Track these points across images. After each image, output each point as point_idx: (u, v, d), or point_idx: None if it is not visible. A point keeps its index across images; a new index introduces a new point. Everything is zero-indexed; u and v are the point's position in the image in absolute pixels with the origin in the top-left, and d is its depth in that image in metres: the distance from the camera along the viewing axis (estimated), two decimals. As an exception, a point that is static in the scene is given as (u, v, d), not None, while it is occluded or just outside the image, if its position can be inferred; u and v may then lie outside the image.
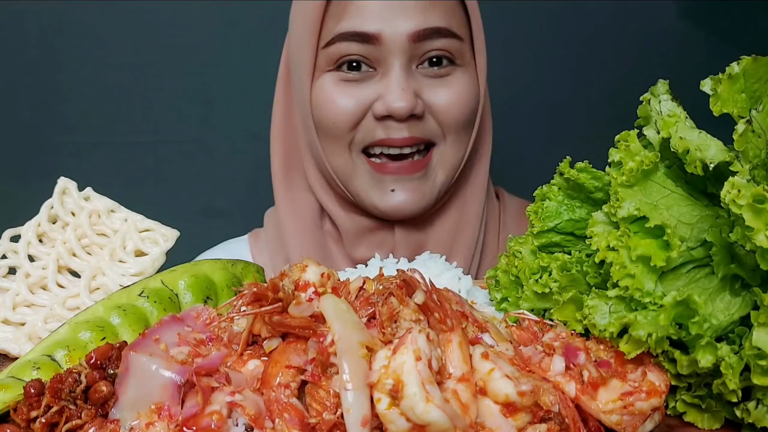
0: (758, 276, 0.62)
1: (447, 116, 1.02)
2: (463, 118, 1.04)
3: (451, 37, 1.01)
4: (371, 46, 0.98)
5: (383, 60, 0.99)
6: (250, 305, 0.61)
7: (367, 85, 1.00)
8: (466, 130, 1.06)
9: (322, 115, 1.03)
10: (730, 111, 0.65)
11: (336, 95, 1.01)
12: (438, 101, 1.01)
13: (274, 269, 1.16)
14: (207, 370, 0.58)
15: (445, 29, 1.00)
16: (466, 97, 1.03)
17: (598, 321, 0.63)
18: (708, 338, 0.60)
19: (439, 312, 0.59)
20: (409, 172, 1.02)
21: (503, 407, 0.56)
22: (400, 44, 0.98)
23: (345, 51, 0.99)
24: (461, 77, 1.03)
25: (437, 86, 1.02)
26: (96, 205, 0.89)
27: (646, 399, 0.59)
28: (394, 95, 0.97)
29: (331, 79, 1.02)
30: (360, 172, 1.04)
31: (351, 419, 0.52)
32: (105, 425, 0.57)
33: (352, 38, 0.98)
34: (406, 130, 1.00)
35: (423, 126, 1.01)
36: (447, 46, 1.01)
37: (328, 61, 1.01)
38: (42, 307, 0.82)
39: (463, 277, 0.89)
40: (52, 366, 0.67)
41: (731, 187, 0.58)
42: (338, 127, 1.01)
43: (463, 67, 1.04)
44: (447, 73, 1.02)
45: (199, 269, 0.81)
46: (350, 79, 1.01)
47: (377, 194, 1.04)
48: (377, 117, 1.00)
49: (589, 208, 0.77)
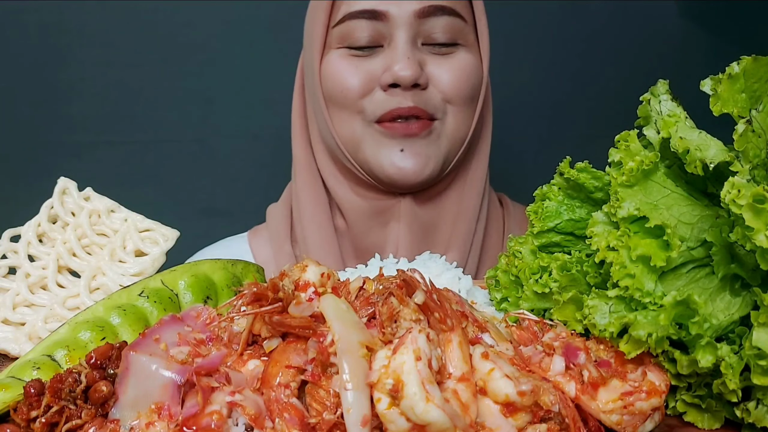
0: (758, 276, 0.62)
1: (450, 88, 1.06)
2: (466, 91, 1.08)
3: (455, 16, 1.06)
4: (379, 22, 1.04)
5: (390, 35, 1.04)
6: (250, 305, 0.61)
7: (374, 59, 1.06)
8: (469, 106, 1.09)
9: (331, 86, 1.07)
10: (730, 111, 0.65)
11: (345, 68, 1.06)
12: (441, 74, 1.06)
13: (277, 262, 1.17)
14: (207, 370, 0.58)
15: (449, 8, 1.05)
16: (468, 72, 1.08)
17: (598, 321, 0.63)
18: (708, 338, 0.60)
19: (439, 312, 0.59)
20: (417, 130, 1.05)
21: (503, 407, 0.56)
22: (406, 20, 1.03)
23: (354, 31, 1.05)
24: (464, 56, 1.08)
25: (441, 61, 1.07)
26: (96, 205, 0.89)
27: (646, 399, 0.59)
28: (401, 64, 1.02)
29: (341, 54, 1.07)
30: (368, 138, 1.07)
31: (351, 419, 0.52)
32: (105, 425, 0.57)
33: (361, 15, 1.04)
34: (411, 99, 1.04)
35: (427, 97, 1.05)
36: (451, 24, 1.06)
37: (339, 39, 1.07)
38: (42, 307, 0.82)
39: (463, 277, 0.89)
40: (52, 366, 0.67)
41: (731, 187, 0.58)
42: (347, 97, 1.06)
43: (466, 47, 1.09)
44: (450, 52, 1.07)
45: (199, 269, 0.81)
46: (358, 55, 1.06)
47: (386, 154, 1.06)
48: (384, 87, 1.04)
49: (589, 208, 0.77)
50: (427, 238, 1.13)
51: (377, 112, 1.05)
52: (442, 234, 1.14)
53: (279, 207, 1.24)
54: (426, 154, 1.06)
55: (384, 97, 1.05)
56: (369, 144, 1.07)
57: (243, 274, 0.85)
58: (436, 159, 1.08)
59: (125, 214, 0.90)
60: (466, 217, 1.15)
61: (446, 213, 1.14)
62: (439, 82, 1.06)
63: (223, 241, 1.28)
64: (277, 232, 1.20)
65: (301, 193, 1.17)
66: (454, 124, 1.08)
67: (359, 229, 1.13)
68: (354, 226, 1.13)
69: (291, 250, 1.18)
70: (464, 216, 1.15)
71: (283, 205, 1.23)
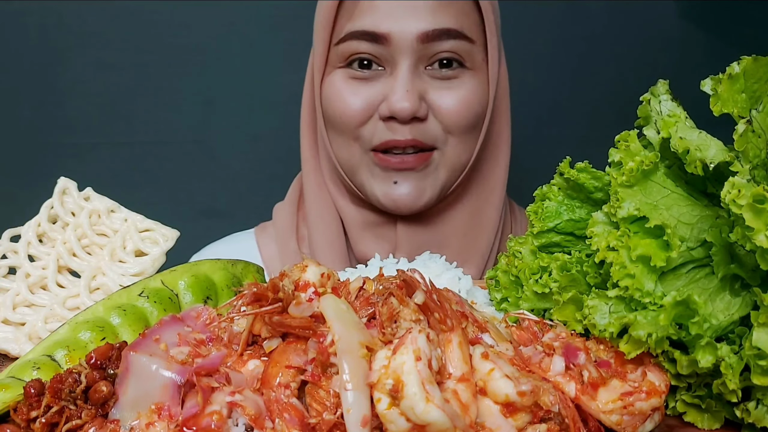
0: (758, 276, 0.62)
1: (450, 119, 1.02)
2: (467, 122, 1.03)
3: (462, 39, 1.01)
4: (380, 45, 0.99)
5: (392, 59, 1.00)
6: (250, 305, 0.61)
7: (375, 84, 1.02)
8: (471, 134, 1.06)
9: (330, 109, 1.05)
10: (730, 111, 0.65)
11: (345, 92, 1.03)
12: (442, 104, 1.01)
13: (282, 259, 1.17)
14: (207, 370, 0.58)
15: (455, 30, 1.00)
16: (471, 102, 1.03)
17: (598, 321, 0.63)
18: (708, 338, 0.60)
19: (439, 312, 0.59)
20: (411, 165, 1.03)
21: (503, 407, 0.56)
22: (409, 44, 0.98)
23: (355, 49, 1.01)
24: (469, 81, 1.03)
25: (443, 89, 1.02)
26: (96, 205, 0.89)
27: (646, 399, 0.59)
28: (398, 96, 0.98)
29: (342, 76, 1.04)
30: (365, 165, 1.05)
31: (351, 419, 0.52)
32: (105, 425, 0.57)
33: (362, 37, 1.00)
34: (408, 132, 1.00)
35: (425, 129, 1.02)
36: (457, 47, 1.01)
37: (340, 58, 1.03)
38: (42, 307, 0.82)
39: (463, 277, 0.89)
40: (52, 366, 0.67)
41: (731, 187, 0.58)
42: (345, 123, 1.03)
43: (472, 71, 1.04)
44: (455, 76, 1.03)
45: (199, 269, 0.81)
46: (360, 77, 1.03)
47: (380, 186, 1.05)
48: (382, 117, 1.01)
49: (589, 208, 0.77)
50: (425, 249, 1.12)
51: (374, 141, 1.02)
52: (452, 249, 1.12)
53: (285, 205, 1.24)
54: (421, 187, 1.04)
55: (382, 127, 1.01)
56: (364, 171, 1.06)
57: (243, 274, 0.85)
58: (432, 190, 1.05)
59: (125, 214, 0.90)
60: (485, 234, 1.13)
61: (454, 228, 1.13)
62: (439, 113, 1.02)
63: (229, 237, 1.27)
64: (282, 231, 1.20)
65: (308, 193, 1.16)
66: (454, 153, 1.05)
67: (356, 239, 1.13)
68: (351, 235, 1.13)
69: (297, 248, 1.18)
70: (483, 233, 1.13)
71: (290, 203, 1.23)
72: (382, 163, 1.03)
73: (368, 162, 1.04)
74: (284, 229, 1.20)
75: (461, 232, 1.13)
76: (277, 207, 1.25)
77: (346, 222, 1.13)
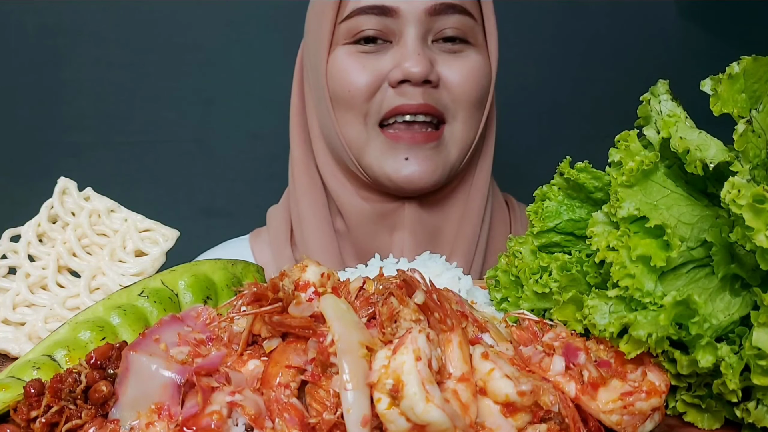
0: (758, 276, 0.62)
1: (460, 90, 1.04)
2: (476, 94, 1.06)
3: (465, 15, 1.04)
4: (389, 18, 1.02)
5: (399, 32, 1.03)
6: (250, 305, 0.61)
7: (382, 56, 1.04)
8: (477, 109, 1.08)
9: (338, 85, 1.05)
10: (730, 111, 0.65)
11: (352, 66, 1.04)
12: (452, 75, 1.04)
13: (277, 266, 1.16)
14: (207, 370, 0.58)
15: (460, 6, 1.03)
16: (478, 75, 1.06)
17: (598, 321, 0.63)
18: (708, 338, 0.60)
19: (439, 312, 0.59)
20: (423, 141, 1.03)
21: (503, 407, 0.56)
22: (417, 16, 1.01)
23: (363, 25, 1.03)
24: (474, 56, 1.06)
25: (451, 60, 1.05)
26: (96, 205, 0.89)
27: (646, 399, 0.59)
28: (411, 60, 1.00)
29: (348, 51, 1.05)
30: (374, 143, 1.05)
31: (351, 419, 0.52)
32: (105, 425, 0.57)
33: (371, 11, 1.02)
34: (420, 97, 1.02)
35: (437, 96, 1.04)
36: (461, 23, 1.04)
37: (346, 35, 1.04)
38: (42, 307, 0.82)
39: (463, 277, 0.89)
40: (52, 366, 0.67)
41: (731, 187, 0.58)
42: (354, 97, 1.04)
43: (476, 47, 1.07)
44: (460, 50, 1.06)
45: (199, 269, 0.81)
46: (366, 51, 1.04)
47: (391, 163, 1.04)
48: (393, 84, 1.02)
49: (589, 208, 0.77)
50: (431, 241, 1.12)
51: (384, 109, 1.03)
52: (447, 237, 1.13)
53: (279, 209, 1.23)
54: (433, 162, 1.05)
55: (392, 93, 1.03)
56: (374, 150, 1.05)
57: (243, 274, 0.85)
58: (444, 166, 1.06)
59: (125, 214, 0.90)
60: (470, 221, 1.13)
61: (451, 216, 1.13)
62: (449, 83, 1.04)
63: (224, 244, 1.27)
64: (276, 236, 1.20)
65: (300, 196, 1.15)
66: (461, 129, 1.07)
67: (361, 232, 1.12)
68: (356, 229, 1.12)
69: (291, 254, 1.17)
70: (469, 219, 1.13)
71: (283, 207, 1.22)
72: (393, 139, 1.03)
73: (378, 139, 1.04)
74: (278, 234, 1.19)
75: (456, 218, 1.13)
76: (271, 211, 1.25)
77: (351, 217, 1.12)
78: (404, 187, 1.05)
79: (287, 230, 1.19)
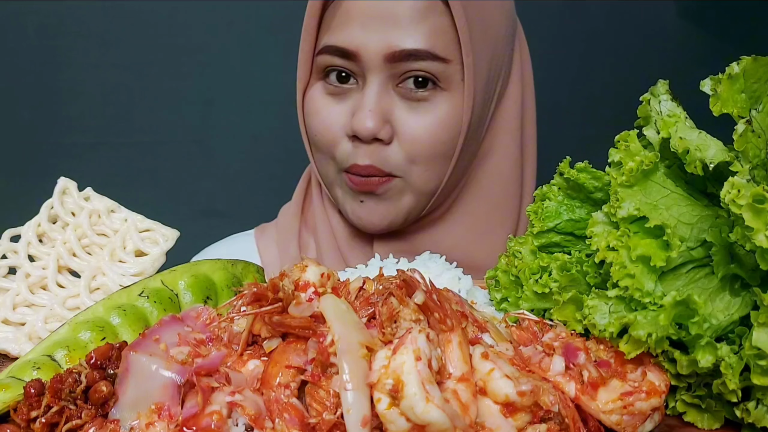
0: (758, 276, 0.62)
1: (414, 147, 0.97)
2: (432, 150, 0.98)
3: (433, 60, 0.94)
4: (351, 61, 0.96)
5: (363, 75, 0.97)
6: (250, 305, 0.61)
7: (347, 100, 0.99)
8: (439, 161, 1.00)
9: (310, 126, 1.04)
10: (730, 111, 0.65)
11: (322, 110, 1.01)
12: (407, 130, 0.97)
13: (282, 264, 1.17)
14: (207, 370, 0.58)
15: (425, 51, 0.93)
16: (440, 129, 0.97)
17: (598, 321, 0.63)
18: (708, 338, 0.60)
19: (439, 312, 0.59)
20: (373, 188, 1.00)
21: (503, 407, 0.56)
22: (376, 63, 0.94)
23: (330, 63, 0.99)
24: (442, 103, 0.97)
25: (412, 112, 0.97)
26: (96, 205, 0.89)
27: (646, 399, 0.59)
28: (361, 115, 0.95)
29: (320, 91, 1.01)
30: (337, 184, 1.05)
31: (351, 419, 0.52)
32: (105, 425, 0.57)
33: (335, 53, 0.97)
34: (368, 157, 0.98)
35: (386, 154, 0.98)
36: (428, 68, 0.95)
37: (318, 69, 1.01)
38: (42, 307, 0.82)
39: (463, 277, 0.89)
40: (52, 366, 0.66)
41: (731, 187, 0.58)
42: (323, 143, 1.02)
43: (448, 92, 0.97)
44: (426, 98, 0.97)
45: (199, 269, 0.81)
46: (336, 93, 1.00)
47: (349, 204, 1.04)
48: (348, 136, 0.99)
49: (589, 208, 0.77)
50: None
51: (343, 162, 1.01)
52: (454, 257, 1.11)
53: (290, 207, 1.24)
54: (383, 209, 1.02)
55: (349, 148, 0.99)
56: (338, 189, 1.05)
57: (243, 274, 0.85)
58: (396, 213, 1.03)
59: (125, 214, 0.90)
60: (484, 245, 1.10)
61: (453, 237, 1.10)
62: (404, 139, 0.97)
63: (228, 239, 1.27)
64: (284, 234, 1.20)
65: (315, 198, 1.17)
66: (420, 180, 1.00)
67: (342, 246, 1.12)
68: (338, 241, 1.13)
69: (297, 253, 1.17)
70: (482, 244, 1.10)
71: (295, 204, 1.23)
72: (349, 184, 1.02)
73: (341, 181, 1.04)
74: (285, 232, 1.20)
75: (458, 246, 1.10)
76: (284, 209, 1.25)
77: (333, 227, 1.13)
78: (359, 228, 1.06)
79: (295, 229, 1.19)
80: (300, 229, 1.20)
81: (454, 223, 1.11)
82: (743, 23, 1.73)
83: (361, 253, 1.11)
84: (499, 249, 0.95)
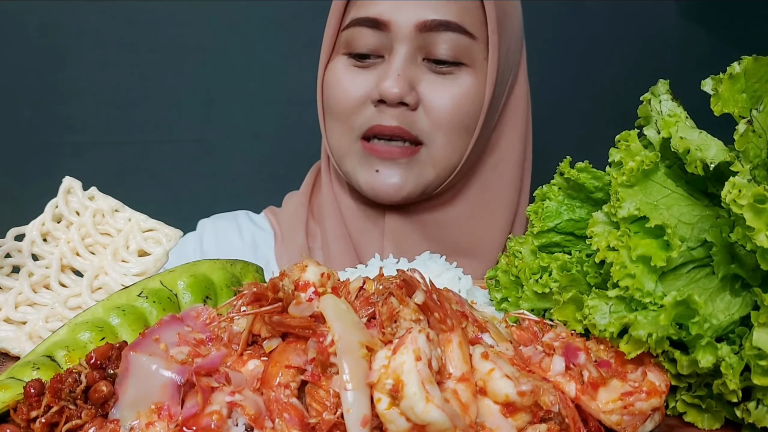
0: (758, 276, 0.62)
1: (440, 115, 1.01)
2: (459, 120, 1.03)
3: (461, 33, 1.00)
4: (381, 32, 1.01)
5: (390, 47, 1.01)
6: (249, 305, 0.61)
7: (372, 71, 1.03)
8: (461, 134, 1.04)
9: (329, 95, 1.07)
10: (731, 111, 0.65)
11: (344, 79, 1.05)
12: (433, 98, 1.01)
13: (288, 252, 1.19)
14: (207, 370, 0.58)
15: (455, 24, 0.99)
16: (464, 100, 1.02)
17: (598, 321, 0.63)
18: (708, 338, 0.60)
19: (439, 312, 0.59)
20: (395, 156, 1.03)
21: (503, 407, 0.56)
22: (407, 32, 0.99)
23: (357, 38, 1.03)
24: (465, 79, 1.03)
25: (437, 83, 1.02)
26: (100, 205, 0.89)
27: (646, 399, 0.59)
28: (389, 81, 0.99)
29: (344, 63, 1.05)
30: (353, 153, 1.06)
31: (351, 419, 0.52)
32: (105, 425, 0.57)
33: (365, 23, 1.01)
34: (395, 119, 1.01)
35: (413, 119, 1.02)
36: (456, 41, 1.00)
37: (344, 45, 1.05)
38: (44, 306, 0.82)
39: (463, 277, 0.89)
40: (52, 366, 0.66)
41: (732, 187, 0.58)
42: (342, 110, 1.05)
43: (471, 68, 1.03)
44: (451, 72, 1.02)
45: (197, 269, 0.81)
46: (359, 66, 1.04)
47: (362, 174, 1.06)
48: (373, 101, 1.02)
49: (589, 208, 0.77)
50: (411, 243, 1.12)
51: (363, 126, 1.03)
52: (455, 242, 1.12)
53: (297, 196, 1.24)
54: (403, 177, 1.04)
55: (373, 112, 1.02)
56: (351, 159, 1.07)
57: (242, 273, 0.85)
58: (414, 184, 1.05)
59: (129, 214, 0.89)
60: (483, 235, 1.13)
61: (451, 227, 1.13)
62: (430, 106, 1.01)
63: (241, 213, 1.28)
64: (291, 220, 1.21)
65: (324, 185, 1.18)
66: (443, 151, 1.04)
67: (352, 229, 1.13)
68: (348, 226, 1.14)
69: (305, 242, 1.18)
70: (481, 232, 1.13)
71: (303, 194, 1.24)
72: (368, 151, 1.04)
73: (356, 150, 1.05)
74: (292, 219, 1.21)
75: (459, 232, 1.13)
76: (288, 197, 1.26)
77: (346, 213, 1.14)
78: (373, 198, 1.07)
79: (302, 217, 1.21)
80: (307, 218, 1.21)
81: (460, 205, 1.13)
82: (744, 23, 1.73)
83: (371, 237, 1.12)
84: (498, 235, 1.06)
